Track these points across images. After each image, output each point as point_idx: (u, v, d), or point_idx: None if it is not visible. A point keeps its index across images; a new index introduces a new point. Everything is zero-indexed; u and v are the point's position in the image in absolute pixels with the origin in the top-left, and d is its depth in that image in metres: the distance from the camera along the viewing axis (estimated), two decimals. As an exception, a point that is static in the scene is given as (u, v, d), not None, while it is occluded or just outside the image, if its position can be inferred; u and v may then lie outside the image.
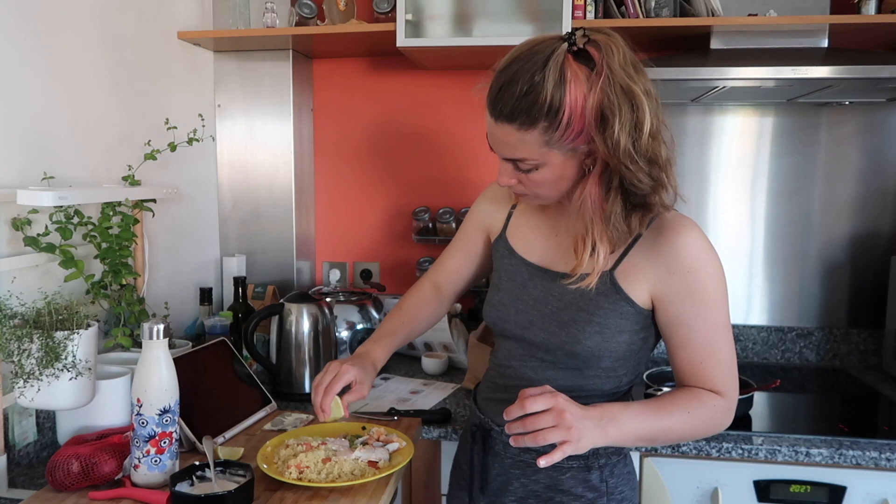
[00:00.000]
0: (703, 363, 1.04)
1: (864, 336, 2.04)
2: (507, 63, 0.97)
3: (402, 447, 1.26)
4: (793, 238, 2.07)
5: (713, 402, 1.03)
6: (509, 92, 0.95)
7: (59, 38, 1.47)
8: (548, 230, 1.16)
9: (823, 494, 1.45)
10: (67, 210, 1.40)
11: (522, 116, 0.95)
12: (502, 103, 0.96)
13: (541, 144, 0.96)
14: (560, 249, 1.13)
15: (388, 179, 2.23)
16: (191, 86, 2.00)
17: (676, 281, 1.02)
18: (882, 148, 2.01)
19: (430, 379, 1.86)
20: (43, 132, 1.43)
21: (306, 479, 1.14)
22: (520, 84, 0.94)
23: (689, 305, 1.02)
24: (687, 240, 1.03)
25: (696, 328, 1.03)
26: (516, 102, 0.94)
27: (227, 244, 2.17)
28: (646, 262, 1.04)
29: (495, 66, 0.99)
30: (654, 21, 1.74)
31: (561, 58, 0.93)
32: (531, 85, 0.93)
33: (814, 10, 1.74)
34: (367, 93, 2.20)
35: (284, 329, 1.68)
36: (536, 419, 0.92)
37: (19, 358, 1.14)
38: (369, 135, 2.22)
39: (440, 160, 2.18)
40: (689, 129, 2.07)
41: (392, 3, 1.89)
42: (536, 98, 0.93)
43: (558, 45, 0.94)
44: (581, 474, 1.11)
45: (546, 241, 1.16)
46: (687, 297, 1.02)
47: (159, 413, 1.14)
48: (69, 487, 1.14)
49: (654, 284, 1.04)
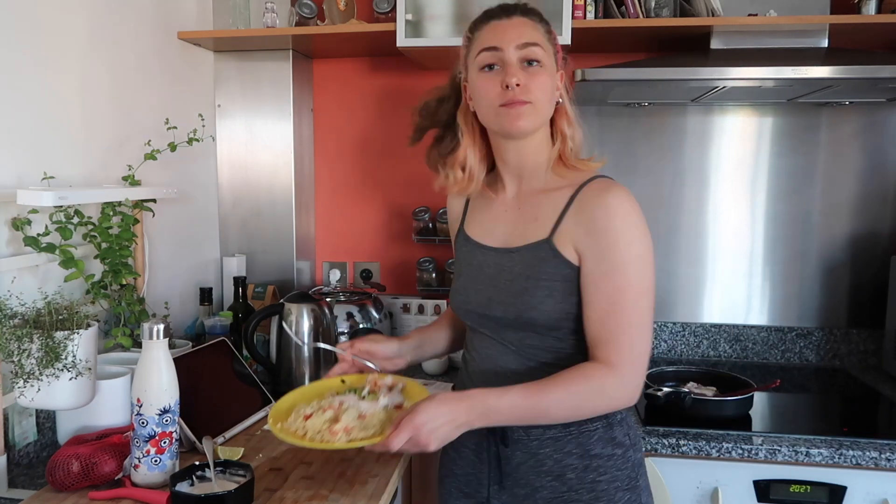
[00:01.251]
0: (602, 324, 1.07)
1: (864, 336, 2.04)
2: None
3: (406, 385, 1.20)
4: (793, 238, 2.07)
5: (600, 377, 1.06)
6: (513, 3, 1.17)
7: (59, 38, 1.47)
8: (498, 215, 1.23)
9: (823, 494, 1.45)
10: (67, 210, 1.40)
11: (531, 13, 1.16)
12: (512, 6, 1.16)
13: (546, 39, 1.14)
14: (510, 227, 1.20)
15: (388, 179, 2.23)
16: (191, 86, 2.00)
17: (591, 240, 1.08)
18: (882, 148, 2.01)
19: (430, 379, 1.86)
20: (43, 132, 1.43)
21: (359, 440, 1.06)
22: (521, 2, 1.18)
23: (598, 263, 1.07)
24: (606, 201, 1.09)
25: (601, 287, 1.07)
26: (524, 8, 1.16)
27: (227, 244, 2.17)
28: (573, 224, 1.11)
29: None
30: (654, 21, 1.74)
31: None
32: (528, 4, 1.18)
33: (814, 10, 1.74)
34: (367, 93, 2.20)
35: (284, 329, 1.68)
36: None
37: (19, 358, 1.14)
38: (369, 135, 2.22)
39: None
40: (689, 129, 2.06)
41: (392, 3, 1.89)
42: (538, 11, 1.17)
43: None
44: (607, 434, 1.14)
45: (497, 224, 1.22)
46: (597, 255, 1.08)
47: (159, 413, 1.14)
48: (69, 487, 1.14)
49: (576, 243, 1.10)
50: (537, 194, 1.18)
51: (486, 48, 1.13)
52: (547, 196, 1.16)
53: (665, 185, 2.08)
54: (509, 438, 1.15)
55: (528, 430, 1.14)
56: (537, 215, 1.16)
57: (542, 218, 1.15)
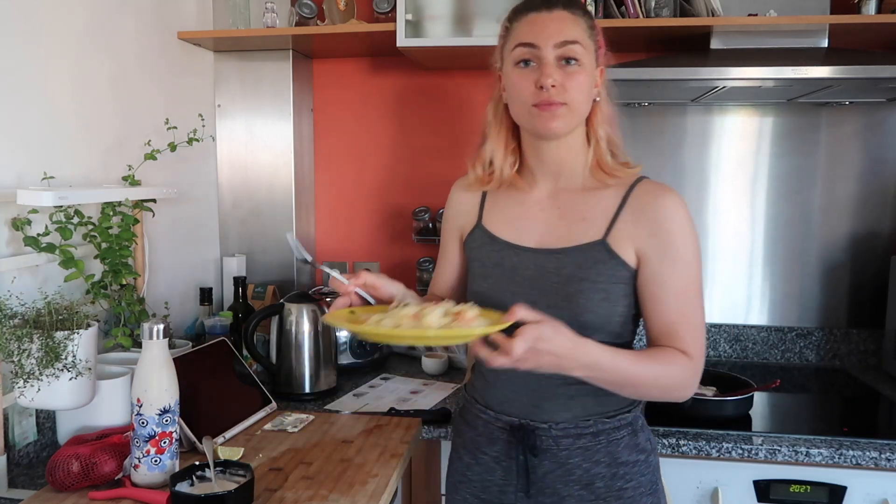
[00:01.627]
0: (674, 323, 1.08)
1: (864, 336, 2.04)
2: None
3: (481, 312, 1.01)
4: (793, 238, 2.07)
5: (683, 363, 1.07)
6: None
7: (59, 38, 1.47)
8: (532, 214, 1.17)
9: (823, 494, 1.45)
10: (67, 210, 1.40)
11: (573, 6, 1.10)
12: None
13: (587, 35, 1.09)
14: (548, 227, 1.15)
15: (388, 179, 2.23)
16: (191, 86, 2.00)
17: (656, 241, 1.09)
18: (882, 148, 2.01)
19: (430, 379, 1.86)
20: (43, 132, 1.43)
21: (479, 329, 0.94)
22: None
23: (666, 265, 1.08)
24: (668, 202, 1.10)
25: (669, 287, 1.08)
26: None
27: (227, 244, 2.17)
28: (631, 226, 1.10)
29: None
30: (654, 21, 1.74)
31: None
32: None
33: (814, 10, 1.74)
34: (367, 93, 2.20)
35: (284, 329, 1.68)
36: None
37: (19, 358, 1.14)
38: (369, 135, 2.22)
39: (440, 160, 2.18)
40: (689, 129, 2.06)
41: (392, 3, 1.89)
42: (581, 3, 1.13)
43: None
44: (632, 441, 1.15)
45: (531, 223, 1.17)
46: (664, 256, 1.08)
47: (159, 413, 1.14)
48: (69, 487, 1.14)
49: (637, 245, 1.10)
50: (577, 193, 1.15)
51: (522, 43, 1.08)
52: (591, 195, 1.14)
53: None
54: (538, 448, 1.13)
55: (558, 440, 1.13)
56: (584, 215, 1.13)
57: (590, 218, 1.12)
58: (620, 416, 1.14)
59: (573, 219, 1.14)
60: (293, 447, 1.36)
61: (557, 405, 1.13)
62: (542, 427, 1.13)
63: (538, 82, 1.06)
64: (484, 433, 1.20)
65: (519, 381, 1.14)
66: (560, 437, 1.12)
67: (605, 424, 1.13)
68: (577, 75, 1.07)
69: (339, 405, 1.64)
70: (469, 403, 1.26)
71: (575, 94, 1.07)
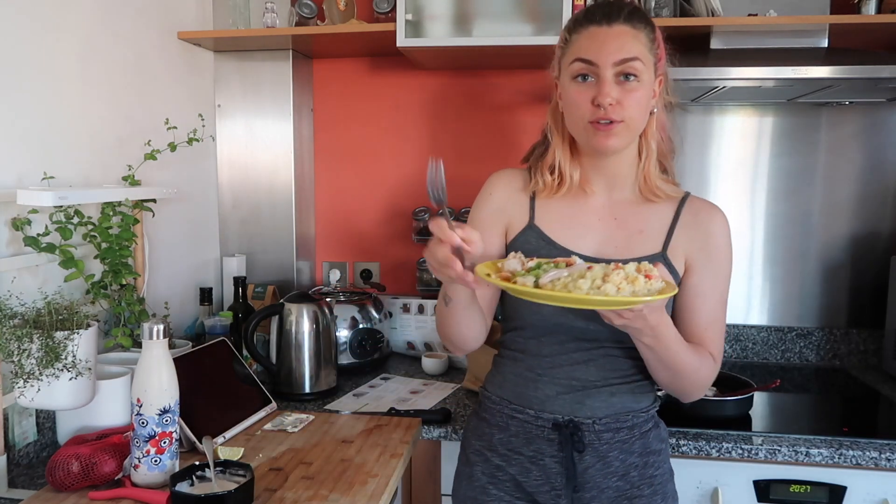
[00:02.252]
0: (706, 329, 1.16)
1: (864, 336, 2.04)
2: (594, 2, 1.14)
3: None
4: (793, 238, 2.07)
5: (710, 364, 1.16)
6: (618, 4, 1.10)
7: (59, 38, 1.47)
8: (589, 222, 1.18)
9: (823, 494, 1.45)
10: (67, 210, 1.40)
11: (635, 19, 1.09)
12: (616, 9, 1.09)
13: (648, 49, 1.09)
14: (605, 236, 1.17)
15: (388, 179, 2.23)
16: (191, 86, 2.00)
17: (704, 255, 1.16)
18: (882, 148, 2.01)
19: (430, 379, 1.86)
20: (43, 132, 1.43)
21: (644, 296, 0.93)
22: (625, 3, 1.12)
23: (709, 278, 1.15)
24: (720, 220, 1.18)
25: (708, 298, 1.16)
26: (630, 10, 1.09)
27: (227, 244, 2.17)
28: (686, 239, 1.16)
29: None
30: (654, 21, 1.74)
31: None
32: (634, 5, 1.13)
33: (814, 10, 1.74)
34: (367, 93, 2.20)
35: (284, 329, 1.68)
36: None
37: (19, 358, 1.14)
38: (369, 135, 2.22)
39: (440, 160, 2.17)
40: (689, 129, 2.06)
41: (392, 3, 1.89)
42: (642, 12, 1.12)
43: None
44: (657, 432, 1.22)
45: (589, 231, 1.17)
46: (710, 270, 1.16)
47: (159, 413, 1.14)
48: (69, 487, 1.14)
49: (688, 255, 1.16)
50: (632, 205, 1.18)
51: (581, 59, 1.07)
52: (647, 208, 1.17)
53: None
54: (581, 443, 1.15)
55: (601, 435, 1.16)
56: (642, 228, 1.16)
57: (647, 231, 1.16)
58: (650, 410, 1.22)
59: (631, 230, 1.17)
60: (293, 447, 1.36)
61: (600, 401, 1.17)
62: (587, 423, 1.16)
63: (595, 100, 1.06)
64: (519, 433, 1.20)
65: (563, 380, 1.17)
66: (602, 432, 1.16)
67: (639, 418, 1.19)
68: (635, 92, 1.07)
69: (339, 405, 1.64)
70: (495, 405, 1.23)
71: (632, 111, 1.07)
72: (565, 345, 1.17)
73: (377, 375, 1.89)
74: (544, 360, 1.18)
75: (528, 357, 1.20)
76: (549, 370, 1.18)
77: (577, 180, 1.18)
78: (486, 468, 1.23)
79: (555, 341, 1.18)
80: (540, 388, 1.19)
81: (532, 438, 1.19)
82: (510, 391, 1.22)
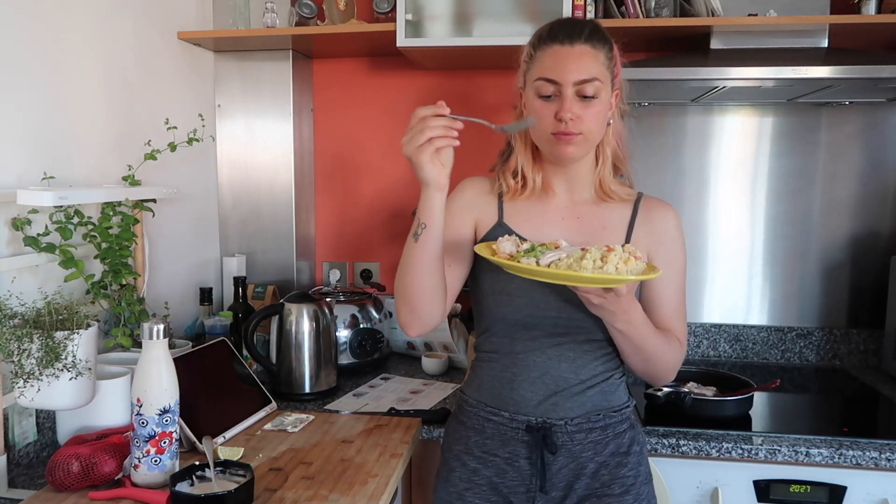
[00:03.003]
0: (671, 318, 1.24)
1: (864, 336, 2.04)
2: (558, 19, 1.22)
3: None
4: (793, 238, 2.07)
5: (678, 346, 1.23)
6: (580, 25, 1.16)
7: (59, 38, 1.47)
8: (554, 220, 1.25)
9: (823, 494, 1.45)
10: (67, 210, 1.40)
11: (595, 39, 1.15)
12: (578, 29, 1.15)
13: (606, 67, 1.16)
14: (571, 234, 1.22)
15: (388, 179, 2.23)
16: (191, 86, 2.00)
17: (663, 248, 1.24)
18: (882, 148, 2.01)
19: (430, 379, 1.86)
20: (43, 132, 1.43)
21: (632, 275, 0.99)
22: (586, 22, 1.19)
23: (669, 269, 1.21)
24: (673, 215, 1.27)
25: (671, 288, 1.24)
26: (590, 30, 1.15)
27: (227, 244, 2.17)
28: (644, 234, 1.24)
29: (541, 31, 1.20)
30: (654, 21, 1.74)
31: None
32: (595, 24, 1.19)
33: (814, 10, 1.74)
34: (367, 93, 2.20)
35: (284, 329, 1.68)
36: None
37: (19, 358, 1.14)
38: (369, 135, 2.22)
39: (440, 160, 2.17)
40: (689, 129, 2.06)
41: (392, 3, 1.89)
42: (602, 31, 1.18)
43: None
44: (630, 434, 1.24)
45: (555, 229, 1.23)
46: (669, 262, 1.22)
47: (159, 413, 1.14)
48: (69, 487, 1.14)
49: (649, 250, 1.23)
50: (592, 204, 1.25)
51: (544, 78, 1.14)
52: (606, 207, 1.25)
53: (665, 185, 2.07)
54: (553, 444, 1.19)
55: (573, 436, 1.20)
56: (605, 224, 1.24)
57: (610, 227, 1.24)
58: (623, 410, 1.24)
59: (595, 227, 1.24)
60: (293, 447, 1.36)
61: (572, 402, 1.20)
62: (559, 424, 1.19)
63: (558, 114, 1.14)
64: (495, 436, 1.23)
65: (536, 382, 1.21)
66: (575, 433, 1.20)
67: (611, 418, 1.22)
68: (594, 108, 1.15)
69: (339, 405, 1.64)
70: (472, 408, 1.27)
71: (591, 124, 1.15)
72: (537, 340, 1.21)
73: (377, 375, 1.89)
74: (517, 357, 1.22)
75: (502, 356, 1.24)
76: (523, 369, 1.21)
77: (539, 183, 1.26)
78: (463, 473, 1.25)
79: (526, 337, 1.21)
80: (515, 390, 1.22)
81: (507, 441, 1.22)
82: (486, 393, 1.26)
